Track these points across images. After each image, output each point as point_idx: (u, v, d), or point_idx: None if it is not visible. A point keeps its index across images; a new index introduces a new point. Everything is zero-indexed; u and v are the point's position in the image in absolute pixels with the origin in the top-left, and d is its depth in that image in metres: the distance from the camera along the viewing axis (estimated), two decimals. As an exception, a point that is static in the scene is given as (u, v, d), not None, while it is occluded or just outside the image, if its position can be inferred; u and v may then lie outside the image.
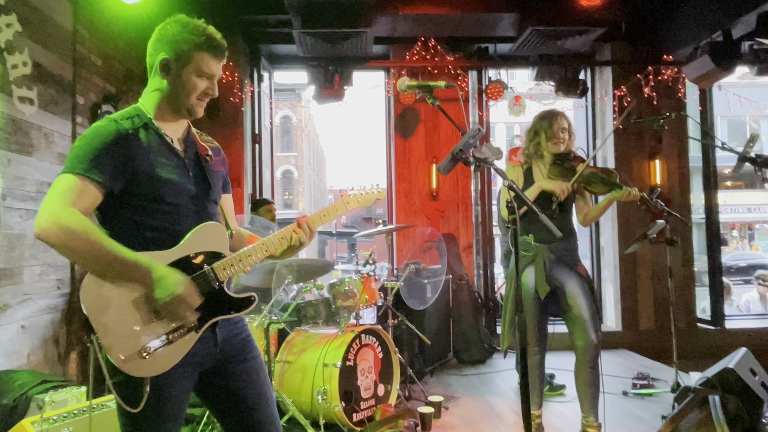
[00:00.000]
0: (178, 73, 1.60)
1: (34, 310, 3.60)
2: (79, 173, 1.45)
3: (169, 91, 1.62)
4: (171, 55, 1.60)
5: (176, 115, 1.67)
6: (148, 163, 1.55)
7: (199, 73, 1.61)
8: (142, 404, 1.48)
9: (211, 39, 1.61)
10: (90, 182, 1.46)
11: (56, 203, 1.42)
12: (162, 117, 1.65)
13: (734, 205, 24.91)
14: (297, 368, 3.52)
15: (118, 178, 1.50)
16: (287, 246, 1.75)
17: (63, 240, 1.39)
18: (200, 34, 1.60)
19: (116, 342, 1.45)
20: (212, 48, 1.61)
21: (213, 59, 1.62)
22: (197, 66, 1.60)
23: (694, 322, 6.08)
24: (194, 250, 1.59)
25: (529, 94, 6.47)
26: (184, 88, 1.61)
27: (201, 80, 1.61)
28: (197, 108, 1.65)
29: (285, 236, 1.74)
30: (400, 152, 6.15)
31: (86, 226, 1.42)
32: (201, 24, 1.62)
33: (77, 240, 1.40)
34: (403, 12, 5.33)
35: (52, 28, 3.86)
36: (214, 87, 1.66)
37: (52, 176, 3.81)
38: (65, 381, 3.07)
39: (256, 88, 6.03)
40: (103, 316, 1.44)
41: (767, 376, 3.61)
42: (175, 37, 1.60)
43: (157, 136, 1.61)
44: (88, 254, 1.42)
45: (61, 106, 3.95)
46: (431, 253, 5.41)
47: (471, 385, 4.71)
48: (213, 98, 1.70)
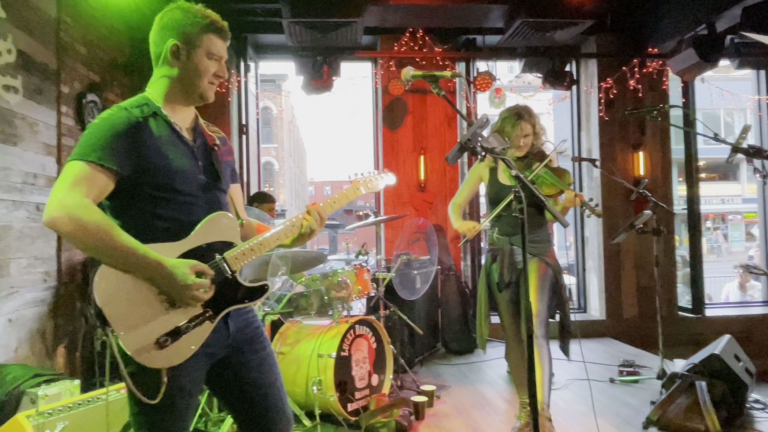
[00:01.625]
0: (189, 57, 1.60)
1: (20, 303, 3.53)
2: (91, 161, 1.43)
3: (181, 76, 1.61)
4: (180, 40, 1.59)
5: (188, 101, 1.66)
6: (159, 152, 1.53)
7: (210, 55, 1.62)
8: (160, 395, 1.47)
9: (216, 21, 1.63)
10: (101, 170, 1.44)
11: (67, 191, 1.39)
12: (171, 106, 1.63)
13: (708, 196, 25.43)
14: (291, 359, 3.51)
15: (129, 166, 1.48)
16: (297, 234, 1.74)
17: (72, 229, 1.37)
18: (205, 17, 1.61)
19: (131, 333, 1.43)
20: (218, 29, 1.63)
21: (220, 40, 1.64)
22: (207, 48, 1.61)
23: (675, 310, 6.22)
24: (206, 240, 1.58)
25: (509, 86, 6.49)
26: (196, 72, 1.61)
27: (212, 62, 1.63)
28: (209, 92, 1.66)
29: (295, 224, 1.73)
30: (387, 143, 6.15)
31: (97, 216, 1.40)
32: (202, 8, 1.63)
33: (87, 230, 1.38)
34: (393, 2, 5.31)
35: (36, 15, 3.76)
36: (223, 69, 1.67)
37: (37, 166, 3.74)
38: (58, 374, 3.03)
39: (242, 78, 5.97)
40: (117, 307, 1.42)
41: (750, 362, 3.72)
42: (182, 22, 1.59)
43: (167, 124, 1.60)
44: (98, 245, 1.40)
45: (45, 95, 3.86)
46: (419, 244, 5.44)
47: (460, 374, 4.76)
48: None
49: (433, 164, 6.15)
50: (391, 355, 3.85)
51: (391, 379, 3.85)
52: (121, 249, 1.41)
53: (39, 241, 3.73)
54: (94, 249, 1.41)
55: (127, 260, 1.42)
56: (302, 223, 1.74)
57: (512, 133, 3.02)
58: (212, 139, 1.72)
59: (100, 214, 1.41)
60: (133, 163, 1.49)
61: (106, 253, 1.41)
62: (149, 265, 1.44)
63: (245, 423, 1.73)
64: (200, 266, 1.51)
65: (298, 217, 1.75)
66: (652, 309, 5.22)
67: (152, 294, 1.47)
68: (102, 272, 1.42)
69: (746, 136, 2.30)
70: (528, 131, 3.03)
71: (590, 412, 3.59)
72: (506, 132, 3.03)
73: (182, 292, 1.47)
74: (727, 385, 3.37)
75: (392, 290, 4.52)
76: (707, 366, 3.42)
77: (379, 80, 6.04)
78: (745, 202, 24.89)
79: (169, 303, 1.49)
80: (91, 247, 1.41)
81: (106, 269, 1.43)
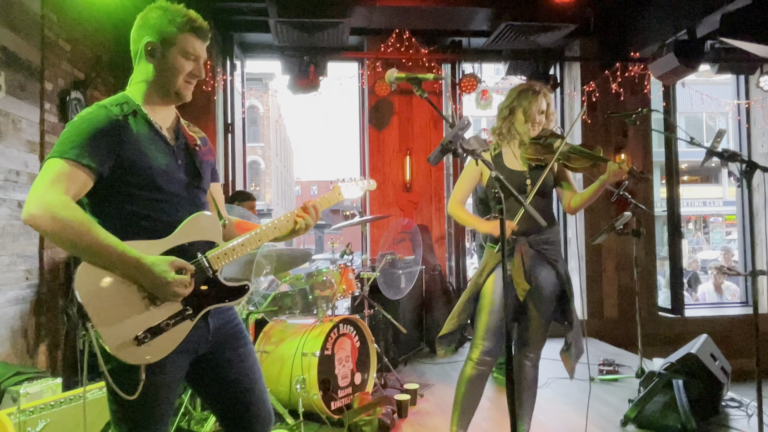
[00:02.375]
0: (163, 55, 1.60)
1: (2, 301, 3.51)
2: (70, 158, 1.44)
3: (156, 74, 1.62)
4: (155, 39, 1.60)
5: (165, 100, 1.66)
6: (138, 151, 1.54)
7: (185, 54, 1.62)
8: (138, 391, 1.48)
9: (194, 20, 1.63)
10: (81, 167, 1.45)
11: (47, 189, 1.40)
12: (150, 105, 1.64)
13: (690, 198, 25.80)
14: (275, 358, 3.53)
15: (108, 164, 1.49)
16: (290, 230, 1.77)
17: (52, 227, 1.38)
18: (183, 16, 1.61)
19: (111, 329, 1.44)
20: (195, 29, 1.63)
21: (197, 40, 1.64)
22: (182, 47, 1.61)
23: (655, 310, 6.32)
24: (188, 239, 1.59)
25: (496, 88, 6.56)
26: (171, 70, 1.61)
27: (187, 61, 1.62)
28: (185, 90, 1.66)
29: (289, 220, 1.76)
30: (374, 144, 6.18)
31: (77, 213, 1.40)
32: (182, 7, 1.64)
33: (66, 227, 1.38)
34: (380, 3, 5.34)
35: (20, 11, 3.74)
36: (200, 68, 1.67)
37: (20, 164, 3.72)
38: (39, 372, 3.02)
39: (228, 77, 5.96)
40: (98, 303, 1.43)
41: (726, 361, 3.81)
42: (158, 21, 1.61)
43: (147, 123, 1.61)
44: (77, 242, 1.40)
45: (29, 91, 3.83)
46: (405, 244, 5.48)
47: (444, 373, 4.80)
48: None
49: (418, 165, 6.19)
50: (375, 354, 3.87)
51: (375, 378, 3.88)
52: (100, 246, 1.41)
53: (21, 239, 3.71)
54: (73, 246, 1.41)
55: (107, 258, 1.43)
56: (296, 220, 1.77)
57: (530, 108, 2.63)
58: (193, 139, 1.73)
59: (79, 211, 1.42)
60: (112, 161, 1.50)
61: (85, 250, 1.42)
62: (128, 263, 1.44)
63: (226, 420, 1.75)
64: (180, 262, 1.52)
65: (289, 214, 1.78)
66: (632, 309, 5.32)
67: (132, 291, 1.48)
68: (83, 269, 1.43)
69: (720, 140, 2.37)
70: (544, 106, 2.68)
71: (571, 410, 3.65)
72: (523, 107, 2.65)
73: (162, 288, 1.48)
74: (703, 383, 3.44)
75: (377, 290, 4.55)
76: (684, 365, 3.49)
77: (365, 81, 6.07)
78: (726, 204, 25.28)
79: (149, 300, 1.50)
80: (70, 244, 1.41)
81: (87, 266, 1.44)
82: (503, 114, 2.72)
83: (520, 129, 2.68)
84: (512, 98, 2.70)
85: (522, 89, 2.69)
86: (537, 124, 2.66)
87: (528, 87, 2.68)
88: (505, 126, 2.71)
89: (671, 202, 6.50)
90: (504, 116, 2.71)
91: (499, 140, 2.73)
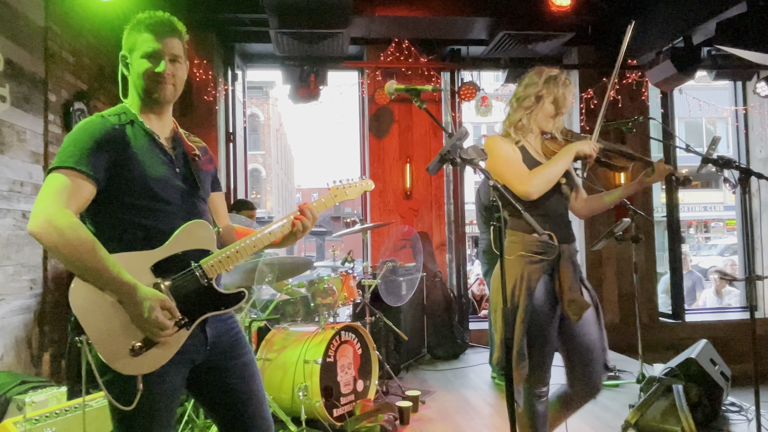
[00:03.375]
0: (131, 62, 1.64)
1: (6, 311, 3.54)
2: (71, 169, 1.46)
3: (132, 83, 1.66)
4: (125, 49, 1.65)
5: (152, 108, 1.67)
6: (135, 159, 1.56)
7: (143, 54, 1.61)
8: (135, 402, 1.49)
9: (148, 18, 1.63)
10: (83, 178, 1.47)
11: (51, 203, 1.42)
12: (146, 114, 1.67)
13: (691, 203, 25.81)
14: (277, 365, 3.55)
15: (106, 173, 1.52)
16: (288, 233, 1.76)
17: (55, 242, 1.40)
18: (138, 19, 1.64)
19: (106, 341, 1.45)
20: (149, 26, 1.62)
21: (154, 35, 1.61)
22: (140, 48, 1.61)
23: (656, 316, 6.34)
24: (182, 248, 1.59)
25: (495, 94, 6.60)
26: (136, 75, 1.63)
27: (145, 60, 1.61)
28: (157, 92, 1.63)
29: (274, 232, 1.74)
30: (374, 152, 6.22)
31: (79, 231, 1.42)
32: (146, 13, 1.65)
33: (68, 245, 1.41)
34: (379, 13, 5.41)
35: (24, 24, 3.79)
36: (160, 65, 1.61)
37: (24, 175, 3.76)
38: (44, 381, 3.04)
39: (229, 86, 6.01)
40: (92, 315, 1.45)
41: (726, 366, 3.82)
42: (126, 33, 1.66)
43: (144, 132, 1.63)
44: (76, 260, 1.42)
45: (33, 103, 3.88)
46: (405, 251, 5.50)
47: (445, 379, 4.82)
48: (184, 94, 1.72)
49: (418, 172, 6.23)
50: (377, 361, 3.90)
51: (377, 385, 3.89)
52: (98, 267, 1.43)
53: (26, 249, 3.74)
54: (72, 263, 1.43)
55: (102, 279, 1.44)
56: (294, 222, 1.75)
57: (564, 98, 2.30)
58: (192, 149, 1.74)
59: (81, 228, 1.44)
60: (110, 169, 1.52)
61: (83, 268, 1.43)
62: (121, 288, 1.45)
63: (226, 428, 1.75)
64: (169, 304, 1.51)
65: (285, 219, 1.76)
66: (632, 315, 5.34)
67: None
68: (77, 281, 1.45)
69: (716, 147, 2.39)
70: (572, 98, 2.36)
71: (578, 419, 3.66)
72: (554, 95, 2.29)
73: (144, 323, 1.47)
74: (703, 388, 3.46)
75: (378, 297, 4.57)
76: (684, 370, 3.51)
77: (365, 89, 6.12)
78: (727, 209, 25.29)
79: None
80: (69, 261, 1.43)
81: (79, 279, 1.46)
82: (527, 103, 2.32)
83: (543, 121, 2.33)
84: (539, 85, 2.31)
85: (550, 76, 2.31)
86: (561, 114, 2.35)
87: (557, 74, 2.32)
88: (526, 117, 2.33)
89: (671, 208, 6.53)
90: (527, 105, 2.33)
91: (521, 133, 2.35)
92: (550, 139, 2.35)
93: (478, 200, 4.55)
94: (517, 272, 2.20)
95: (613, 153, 2.37)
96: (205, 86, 5.54)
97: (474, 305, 7.32)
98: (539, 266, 2.20)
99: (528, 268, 2.19)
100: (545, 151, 2.35)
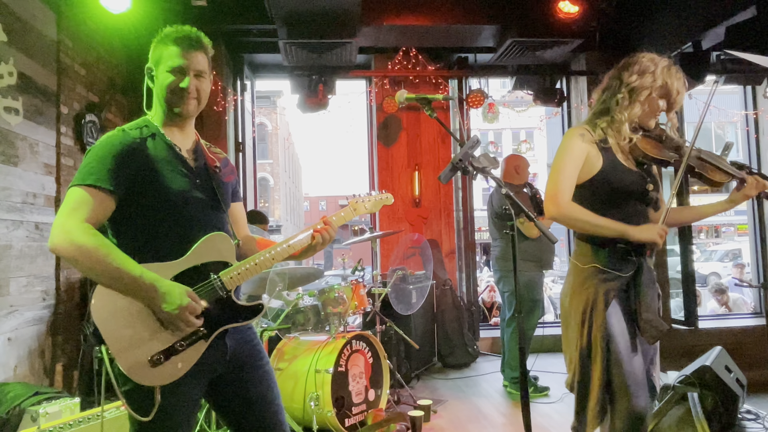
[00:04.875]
0: (156, 76, 1.66)
1: (20, 322, 3.56)
2: (90, 184, 1.49)
3: (156, 96, 1.68)
4: (151, 62, 1.67)
5: (174, 120, 1.70)
6: (155, 172, 1.59)
7: (168, 68, 1.63)
8: (153, 413, 1.50)
9: (175, 32, 1.65)
10: (102, 193, 1.50)
11: (69, 218, 1.46)
12: (168, 127, 1.70)
13: (701, 208, 25.56)
14: (289, 375, 3.55)
15: (126, 186, 1.54)
16: (308, 246, 1.77)
17: (74, 255, 1.43)
18: (166, 33, 1.65)
19: (126, 352, 1.47)
20: (177, 40, 1.64)
21: (180, 49, 1.62)
22: (165, 62, 1.64)
23: (668, 322, 6.28)
24: (201, 261, 1.61)
25: (502, 101, 6.59)
26: (161, 88, 1.65)
27: (171, 74, 1.63)
28: (179, 106, 1.65)
29: (293, 245, 1.75)
30: (382, 160, 6.23)
31: (97, 242, 1.45)
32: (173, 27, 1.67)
33: (87, 256, 1.43)
34: (387, 23, 5.43)
35: (37, 38, 3.84)
36: (184, 79, 1.63)
37: (38, 186, 3.79)
38: (58, 393, 3.05)
39: (239, 96, 6.05)
40: (112, 326, 1.47)
41: (741, 373, 3.78)
42: (153, 45, 1.68)
43: (166, 145, 1.65)
44: (97, 269, 1.45)
45: (45, 115, 3.93)
46: (415, 259, 5.50)
47: (457, 388, 4.79)
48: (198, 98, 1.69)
49: (427, 180, 6.23)
50: (388, 370, 3.88)
51: (388, 394, 3.88)
52: (117, 271, 1.45)
53: (38, 260, 3.77)
54: (92, 271, 1.46)
55: (122, 282, 1.46)
56: (314, 235, 1.76)
57: (679, 91, 2.01)
58: (213, 161, 1.77)
59: (98, 237, 1.46)
60: (129, 183, 1.54)
61: (102, 275, 1.46)
62: (143, 287, 1.47)
63: None
64: (193, 294, 1.54)
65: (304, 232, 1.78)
66: (645, 321, 5.28)
67: (147, 313, 1.51)
68: (98, 292, 1.47)
69: (728, 153, 2.38)
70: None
71: (585, 425, 3.62)
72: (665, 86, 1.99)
73: (172, 316, 1.50)
74: (718, 396, 3.42)
75: (388, 305, 4.57)
76: (699, 377, 3.47)
77: (373, 98, 6.14)
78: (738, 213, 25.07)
79: (163, 322, 1.52)
80: (89, 270, 1.46)
81: (102, 289, 1.48)
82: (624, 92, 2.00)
83: (647, 117, 2.03)
84: (656, 75, 1.97)
85: (666, 65, 1.99)
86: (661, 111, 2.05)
87: (671, 63, 2.01)
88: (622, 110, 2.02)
89: (681, 213, 6.48)
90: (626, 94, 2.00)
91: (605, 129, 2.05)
92: (644, 138, 2.02)
93: (490, 207, 4.55)
94: (587, 293, 1.94)
95: (709, 165, 2.06)
96: (215, 96, 5.57)
97: (484, 313, 7.29)
98: (615, 284, 1.93)
99: (602, 287, 1.93)
100: (634, 152, 2.03)
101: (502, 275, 4.45)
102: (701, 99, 6.37)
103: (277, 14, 4.74)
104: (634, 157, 2.05)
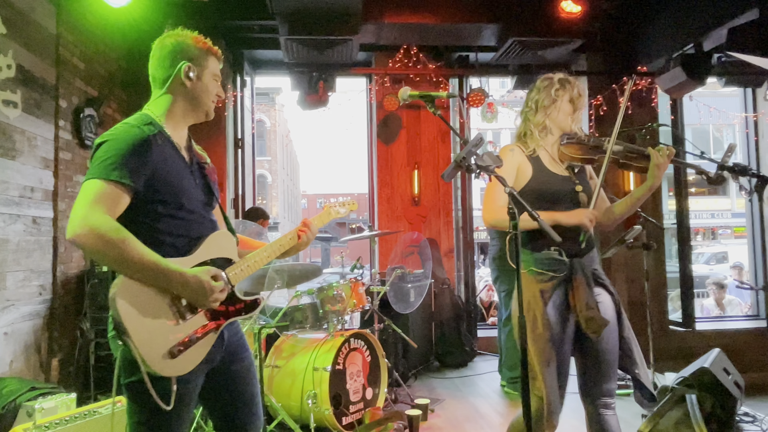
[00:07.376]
0: (199, 77, 1.71)
1: (16, 316, 3.54)
2: (110, 178, 1.49)
3: (192, 95, 1.72)
4: (194, 62, 1.71)
5: (194, 118, 1.77)
6: (166, 170, 1.61)
7: (214, 76, 1.75)
8: (172, 402, 1.53)
9: (215, 47, 1.78)
10: (120, 187, 1.50)
11: (89, 209, 1.45)
12: (172, 125, 1.70)
13: (698, 210, 25.66)
14: (286, 373, 3.53)
15: (143, 182, 1.55)
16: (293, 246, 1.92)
17: (98, 246, 1.44)
18: (205, 43, 1.75)
19: (149, 343, 1.50)
20: (216, 54, 1.77)
21: (219, 63, 1.79)
22: (212, 70, 1.74)
23: (666, 324, 6.28)
24: (209, 257, 1.67)
25: (501, 101, 6.59)
26: (205, 91, 1.73)
27: (215, 83, 1.76)
28: (212, 109, 1.79)
29: (283, 244, 1.89)
30: (382, 158, 6.21)
31: (120, 232, 1.46)
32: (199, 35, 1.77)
33: (112, 246, 1.44)
34: (388, 20, 5.41)
35: (36, 31, 3.81)
36: (221, 89, 1.82)
37: (35, 180, 3.77)
38: (54, 388, 3.03)
39: (238, 92, 6.03)
40: (136, 319, 1.49)
41: (739, 375, 3.77)
42: (191, 47, 1.72)
43: (169, 143, 1.67)
44: (122, 260, 1.46)
45: (44, 109, 3.90)
46: (413, 258, 5.48)
47: (454, 387, 4.78)
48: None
49: (426, 179, 6.21)
50: (386, 369, 3.87)
51: (386, 393, 3.87)
52: (144, 262, 1.48)
53: (35, 255, 3.75)
54: (118, 262, 1.47)
55: (150, 273, 1.49)
56: (299, 234, 1.92)
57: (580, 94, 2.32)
58: (203, 159, 1.82)
59: (122, 230, 1.47)
60: (146, 179, 1.56)
61: (129, 266, 1.47)
62: (171, 276, 1.51)
63: (224, 426, 1.82)
64: (215, 270, 1.61)
65: (291, 233, 1.92)
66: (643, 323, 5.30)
67: (166, 306, 1.54)
68: (123, 285, 1.48)
69: (731, 154, 2.36)
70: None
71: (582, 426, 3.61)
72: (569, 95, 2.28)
73: (202, 297, 1.56)
74: (716, 398, 3.41)
75: (387, 304, 4.56)
76: (697, 379, 3.47)
77: (373, 96, 6.12)
78: (735, 216, 25.14)
79: (180, 315, 1.56)
80: (114, 261, 1.47)
81: (126, 282, 1.48)
82: (546, 102, 2.27)
83: (563, 120, 2.27)
84: (554, 85, 2.28)
85: (561, 79, 2.29)
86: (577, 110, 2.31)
87: (565, 78, 2.30)
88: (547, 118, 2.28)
89: (680, 215, 6.48)
90: (544, 106, 2.28)
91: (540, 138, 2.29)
92: (567, 144, 2.26)
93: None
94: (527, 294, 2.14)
95: (633, 154, 2.24)
96: (214, 92, 5.55)
97: (482, 312, 7.28)
98: (550, 284, 2.15)
99: (539, 287, 2.15)
100: (562, 158, 2.29)
101: (500, 274, 4.43)
102: (701, 100, 6.39)
103: (279, 10, 4.72)
104: (563, 162, 2.31)
